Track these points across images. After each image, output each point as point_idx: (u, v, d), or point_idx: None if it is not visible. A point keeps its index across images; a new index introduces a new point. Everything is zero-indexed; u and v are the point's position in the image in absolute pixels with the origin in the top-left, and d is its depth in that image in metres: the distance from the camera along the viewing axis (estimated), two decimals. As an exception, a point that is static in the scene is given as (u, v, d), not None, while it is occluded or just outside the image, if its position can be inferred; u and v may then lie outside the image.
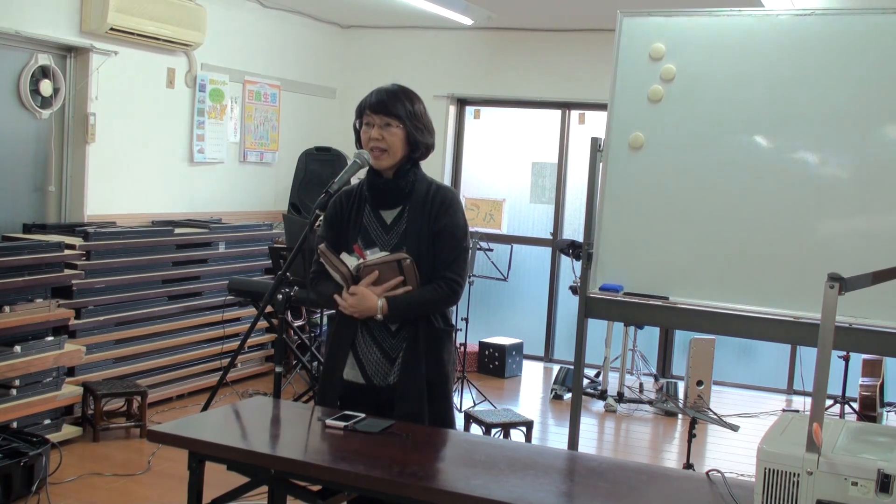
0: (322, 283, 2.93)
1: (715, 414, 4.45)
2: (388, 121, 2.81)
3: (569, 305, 7.60)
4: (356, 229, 2.90)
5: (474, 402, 6.17)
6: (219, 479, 2.60)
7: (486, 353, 7.25)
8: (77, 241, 5.14)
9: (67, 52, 5.57)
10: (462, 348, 6.39)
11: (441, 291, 2.81)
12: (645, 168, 3.87)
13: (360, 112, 2.87)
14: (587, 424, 6.01)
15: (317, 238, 2.92)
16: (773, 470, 1.98)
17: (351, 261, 2.82)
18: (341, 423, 2.63)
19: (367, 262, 2.80)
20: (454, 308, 3.00)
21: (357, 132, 2.91)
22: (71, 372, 5.08)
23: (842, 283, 1.98)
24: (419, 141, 2.86)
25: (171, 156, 6.31)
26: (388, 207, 2.89)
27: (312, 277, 2.98)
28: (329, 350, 2.95)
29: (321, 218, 2.96)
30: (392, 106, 2.81)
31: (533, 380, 7.24)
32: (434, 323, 2.87)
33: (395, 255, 2.79)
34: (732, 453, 5.48)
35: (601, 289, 3.93)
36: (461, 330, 6.21)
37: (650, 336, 7.37)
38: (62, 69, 5.52)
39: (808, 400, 6.24)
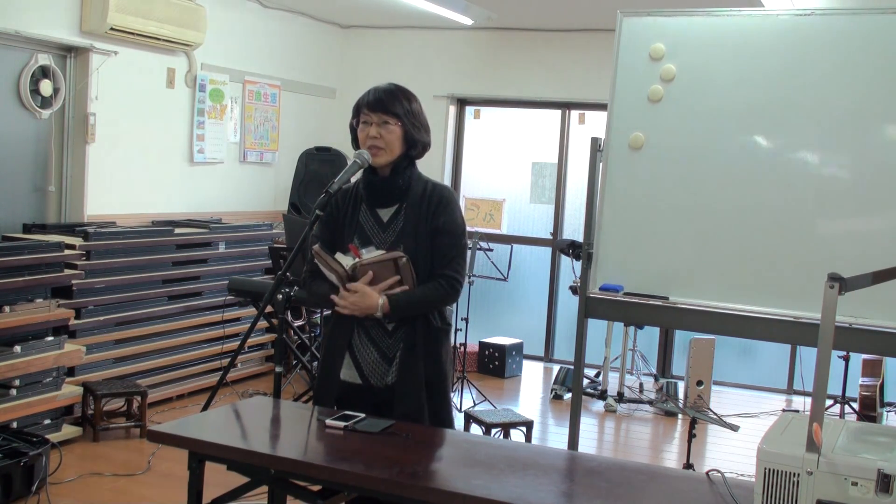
0: (316, 283, 2.92)
1: (715, 414, 4.45)
2: (385, 119, 2.81)
3: (569, 305, 7.61)
4: (352, 228, 2.90)
5: (474, 402, 6.17)
6: (219, 479, 2.60)
7: (486, 353, 7.25)
8: (77, 241, 5.14)
9: (67, 52, 5.57)
10: (462, 348, 6.39)
11: (441, 289, 2.82)
12: (645, 168, 3.87)
13: (357, 111, 2.87)
14: (587, 424, 6.01)
15: (311, 238, 2.92)
16: (773, 470, 1.98)
17: (346, 260, 2.81)
18: (341, 423, 2.63)
19: (362, 262, 2.79)
20: (454, 307, 3.01)
21: (353, 131, 2.91)
22: (71, 372, 5.08)
23: (842, 283, 1.98)
24: (416, 139, 2.86)
25: (171, 156, 6.31)
26: (385, 206, 2.89)
27: (306, 277, 2.97)
28: (325, 350, 2.95)
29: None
30: (390, 104, 2.81)
31: (533, 380, 7.24)
32: (432, 322, 2.87)
33: (391, 254, 2.79)
34: (732, 453, 5.48)
35: (601, 289, 3.93)
36: (461, 330, 6.21)
37: (650, 336, 7.37)
38: (62, 69, 5.52)
39: (808, 400, 6.24)
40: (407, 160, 2.88)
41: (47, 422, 4.80)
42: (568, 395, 6.46)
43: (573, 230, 7.54)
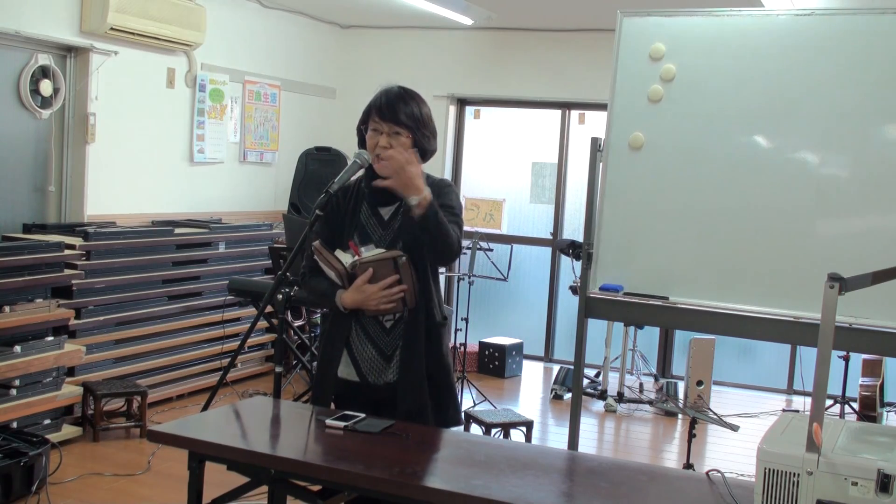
0: (315, 280, 2.92)
1: (715, 414, 4.45)
2: (396, 129, 2.77)
3: (569, 305, 7.61)
4: (353, 226, 2.89)
5: (474, 402, 6.17)
6: (219, 479, 2.60)
7: (486, 353, 7.25)
8: (77, 241, 5.14)
9: (67, 52, 5.57)
10: (462, 348, 6.39)
11: (454, 234, 2.76)
12: (645, 168, 3.87)
13: (367, 115, 2.84)
14: (587, 424, 6.01)
15: (312, 235, 2.91)
16: (773, 470, 1.98)
17: (346, 258, 2.81)
18: (341, 423, 2.63)
19: (362, 260, 2.79)
20: (453, 307, 3.00)
21: (361, 134, 2.88)
22: (71, 372, 5.08)
23: (842, 283, 1.98)
24: (426, 149, 2.83)
25: (171, 156, 6.31)
26: (386, 204, 2.89)
27: (303, 273, 2.97)
28: (323, 348, 2.94)
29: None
30: (402, 114, 2.76)
31: (533, 380, 7.24)
32: (434, 317, 2.86)
33: (390, 253, 2.79)
34: (732, 453, 5.48)
35: (601, 289, 3.93)
36: (461, 330, 6.21)
37: (650, 336, 7.37)
38: (62, 69, 5.52)
39: (808, 400, 6.24)
40: (411, 163, 2.87)
41: (47, 422, 4.80)
42: (568, 395, 6.46)
43: (573, 230, 7.54)
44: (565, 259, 6.90)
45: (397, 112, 2.77)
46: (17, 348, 4.56)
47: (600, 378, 6.69)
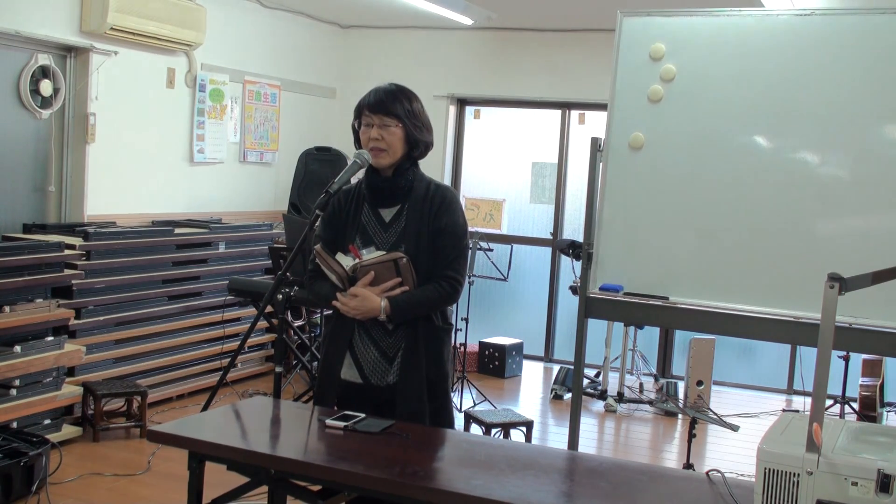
0: (318, 283, 2.93)
1: (715, 414, 4.45)
2: (387, 120, 2.82)
3: (569, 305, 7.60)
4: (354, 228, 2.90)
5: (474, 402, 6.17)
6: (219, 479, 2.60)
7: (486, 353, 7.25)
8: (77, 241, 5.14)
9: (67, 52, 5.57)
10: (462, 348, 6.39)
11: (442, 290, 2.82)
12: (645, 168, 3.86)
13: (359, 112, 2.88)
14: (587, 424, 6.01)
15: (313, 238, 2.92)
16: (773, 470, 1.98)
17: (347, 261, 2.82)
18: (341, 423, 2.63)
19: (363, 263, 2.79)
20: (454, 307, 3.01)
21: (356, 132, 2.91)
22: (71, 372, 5.08)
23: (842, 283, 1.99)
24: (418, 139, 2.86)
25: (171, 156, 6.31)
26: (387, 206, 2.89)
27: (308, 277, 2.98)
28: (326, 350, 2.95)
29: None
30: (391, 105, 2.81)
31: (533, 380, 7.24)
32: (434, 321, 2.87)
33: (391, 255, 2.79)
34: (732, 453, 5.48)
35: (601, 289, 3.93)
36: (461, 330, 6.21)
37: (650, 336, 7.37)
38: (62, 69, 5.52)
39: (808, 400, 6.24)
40: (409, 160, 2.88)
41: (47, 422, 4.80)
42: (568, 395, 6.46)
43: (573, 230, 7.54)
44: (565, 259, 6.90)
45: (386, 104, 2.81)
46: (17, 348, 4.56)
47: (600, 378, 6.69)
